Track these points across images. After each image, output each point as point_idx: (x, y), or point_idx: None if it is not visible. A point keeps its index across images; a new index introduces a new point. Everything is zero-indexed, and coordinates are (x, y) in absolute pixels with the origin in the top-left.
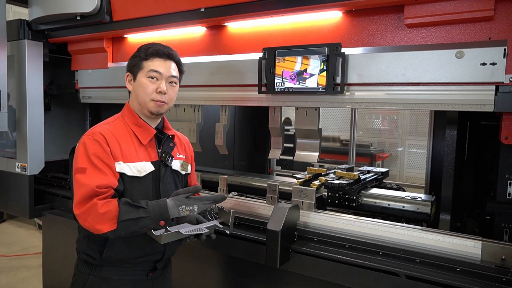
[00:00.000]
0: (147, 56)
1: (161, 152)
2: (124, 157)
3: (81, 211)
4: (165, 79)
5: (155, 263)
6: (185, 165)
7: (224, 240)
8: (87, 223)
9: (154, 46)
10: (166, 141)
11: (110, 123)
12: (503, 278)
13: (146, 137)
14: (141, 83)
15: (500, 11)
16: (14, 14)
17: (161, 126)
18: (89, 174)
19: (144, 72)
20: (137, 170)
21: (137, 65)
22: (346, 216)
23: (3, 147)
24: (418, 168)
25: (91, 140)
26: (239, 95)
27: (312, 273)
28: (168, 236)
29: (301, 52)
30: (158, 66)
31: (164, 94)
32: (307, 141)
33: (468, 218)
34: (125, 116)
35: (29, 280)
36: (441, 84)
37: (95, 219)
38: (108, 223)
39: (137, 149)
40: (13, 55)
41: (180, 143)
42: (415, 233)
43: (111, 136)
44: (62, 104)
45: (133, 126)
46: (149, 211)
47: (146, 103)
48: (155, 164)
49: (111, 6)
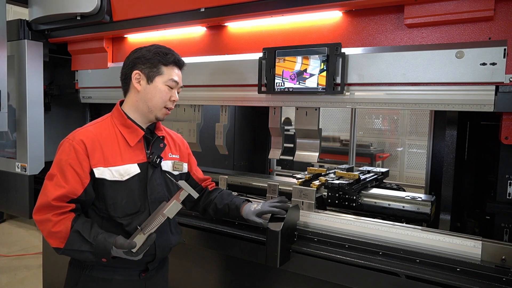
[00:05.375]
0: (168, 63)
1: (149, 153)
2: (106, 161)
3: (37, 219)
4: (177, 88)
5: (147, 264)
6: (178, 165)
7: (224, 240)
8: (42, 231)
9: (173, 54)
10: (155, 142)
11: (96, 124)
12: (503, 278)
13: (133, 138)
14: (159, 89)
15: (500, 11)
16: (14, 14)
17: (153, 127)
18: (55, 182)
19: (165, 79)
20: (120, 174)
21: (156, 68)
22: (346, 216)
23: (3, 147)
24: (418, 168)
25: (70, 146)
26: (239, 95)
27: (312, 273)
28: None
29: (301, 52)
30: (176, 76)
31: (174, 103)
32: (307, 141)
33: (468, 218)
34: (114, 117)
35: (29, 280)
36: (441, 84)
37: (47, 233)
38: (57, 240)
39: (122, 151)
40: (13, 55)
41: (174, 142)
42: (415, 233)
43: (93, 140)
44: (62, 104)
45: (121, 127)
46: (94, 247)
47: (159, 109)
48: (142, 165)
49: (111, 6)
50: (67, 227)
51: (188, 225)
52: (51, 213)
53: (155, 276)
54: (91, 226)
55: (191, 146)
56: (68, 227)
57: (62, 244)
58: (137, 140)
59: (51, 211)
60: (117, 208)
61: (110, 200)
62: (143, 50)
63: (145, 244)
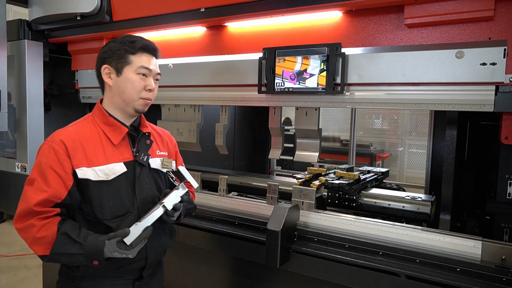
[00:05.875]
0: (135, 50)
1: (135, 151)
2: (89, 162)
3: (19, 228)
4: (153, 76)
5: (140, 271)
6: (167, 162)
7: (224, 240)
8: (25, 240)
9: (141, 41)
10: (141, 139)
11: (77, 124)
12: (503, 278)
13: (117, 136)
14: (130, 80)
15: (500, 11)
16: (14, 14)
17: (138, 124)
18: (35, 187)
19: (134, 68)
20: (105, 173)
21: (123, 58)
22: (346, 216)
23: (3, 147)
24: (418, 168)
25: (49, 148)
26: (239, 95)
27: (312, 273)
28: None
29: (301, 52)
30: (147, 62)
31: (151, 92)
32: (307, 141)
33: (468, 218)
34: (95, 116)
35: (29, 280)
36: (441, 84)
37: (31, 240)
38: (43, 246)
39: (106, 150)
40: (13, 55)
41: (161, 139)
42: (415, 233)
43: (74, 140)
44: (62, 104)
45: (103, 125)
46: (85, 248)
47: (134, 100)
48: (129, 164)
49: (111, 6)
50: (53, 231)
51: (188, 225)
52: (35, 218)
53: (149, 283)
54: (79, 228)
55: (191, 146)
56: (54, 231)
57: (48, 251)
58: (121, 138)
59: (33, 216)
60: (104, 210)
61: (96, 202)
62: (110, 43)
63: (141, 236)
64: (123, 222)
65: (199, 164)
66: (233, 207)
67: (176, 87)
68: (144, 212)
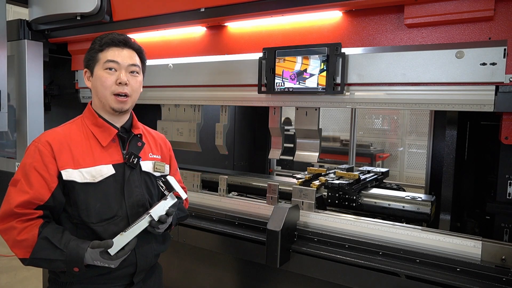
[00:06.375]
0: (101, 46)
1: (125, 154)
2: (76, 163)
3: (1, 229)
4: (124, 68)
5: (131, 277)
6: (159, 166)
7: (224, 240)
8: (6, 242)
9: (109, 35)
10: (132, 141)
11: (66, 126)
12: (503, 278)
13: (106, 137)
14: (98, 77)
15: (500, 11)
16: (14, 14)
17: (129, 125)
18: (19, 188)
19: (101, 64)
20: (91, 175)
21: (93, 58)
22: (346, 216)
23: (3, 147)
24: (418, 168)
25: (34, 149)
26: (239, 95)
27: (312, 273)
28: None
29: (301, 52)
30: (114, 55)
31: (126, 85)
32: (307, 141)
33: (468, 218)
34: (85, 117)
35: (29, 280)
36: (441, 84)
37: (11, 242)
38: (23, 250)
39: (94, 152)
40: (13, 55)
41: (155, 142)
42: (415, 233)
43: (60, 141)
44: (62, 104)
45: (92, 126)
46: (65, 254)
47: (107, 97)
48: (118, 166)
49: (111, 6)
50: (34, 234)
51: (188, 225)
52: (15, 220)
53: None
54: (62, 232)
55: (191, 146)
56: (35, 234)
57: (28, 254)
58: (110, 139)
59: (14, 218)
60: (91, 213)
61: (82, 205)
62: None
63: (126, 247)
64: (111, 226)
65: (199, 164)
66: (233, 207)
67: (176, 87)
68: (133, 216)
